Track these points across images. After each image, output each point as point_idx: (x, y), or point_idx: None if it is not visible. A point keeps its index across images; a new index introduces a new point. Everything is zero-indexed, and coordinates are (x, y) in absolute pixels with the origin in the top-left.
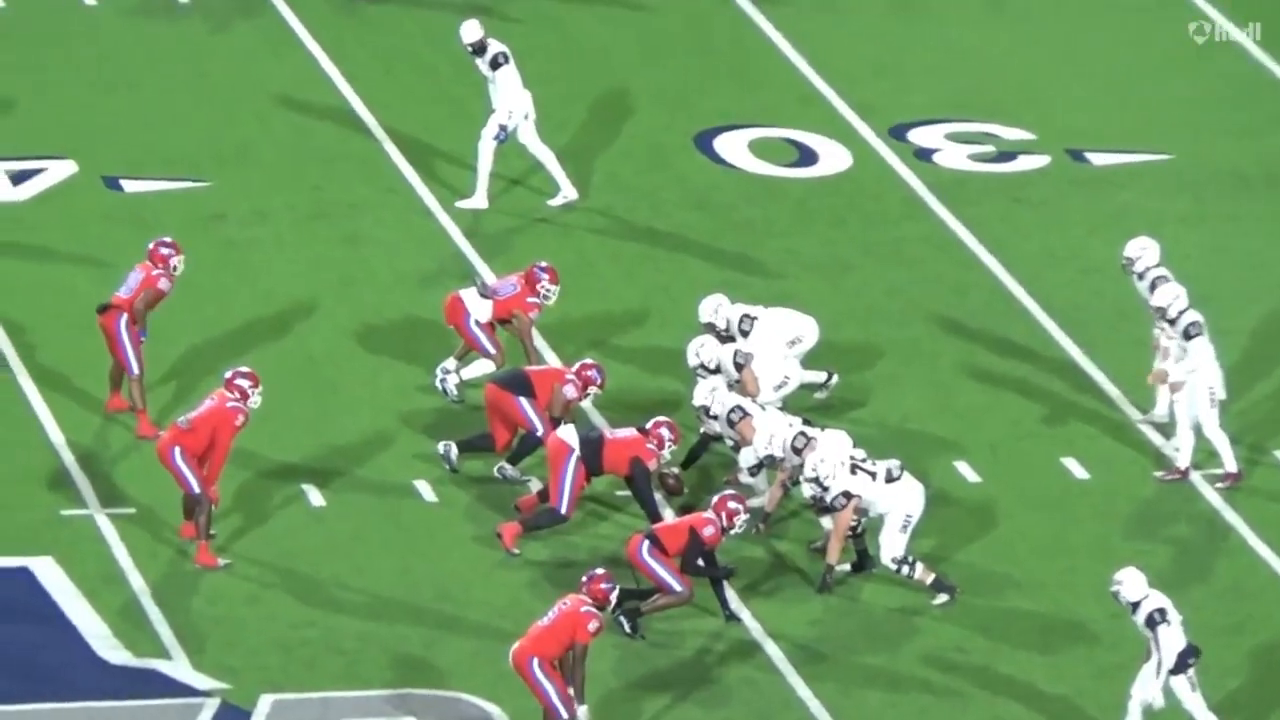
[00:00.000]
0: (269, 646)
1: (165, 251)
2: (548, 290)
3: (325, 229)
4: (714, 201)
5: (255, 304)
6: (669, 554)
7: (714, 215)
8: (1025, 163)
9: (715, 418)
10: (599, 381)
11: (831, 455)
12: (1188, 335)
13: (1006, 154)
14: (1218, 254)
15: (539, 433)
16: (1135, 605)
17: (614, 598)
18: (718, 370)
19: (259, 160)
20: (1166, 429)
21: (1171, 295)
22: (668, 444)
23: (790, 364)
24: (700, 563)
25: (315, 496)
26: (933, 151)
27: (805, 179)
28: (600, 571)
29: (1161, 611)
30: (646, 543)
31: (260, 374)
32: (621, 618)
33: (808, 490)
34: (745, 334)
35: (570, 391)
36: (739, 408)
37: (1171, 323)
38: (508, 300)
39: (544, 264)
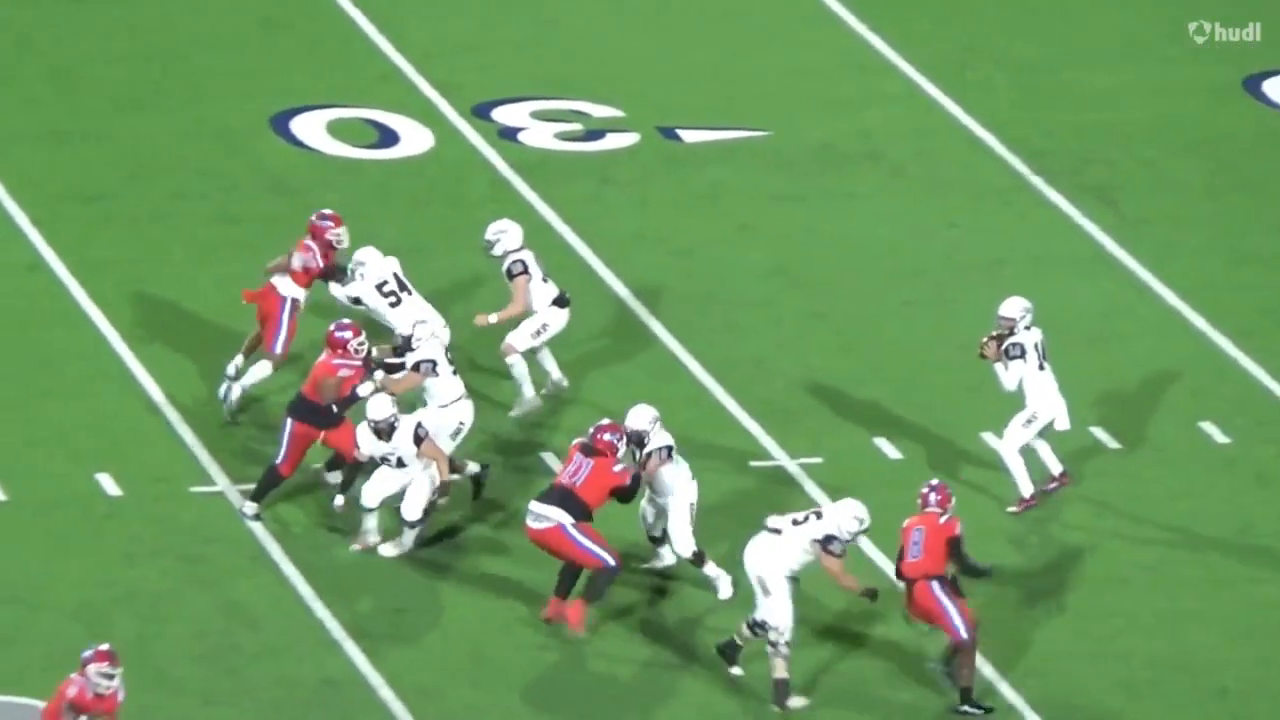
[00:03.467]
0: None
1: (323, 224)
2: (339, 236)
3: None
4: (291, 185)
5: None
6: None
7: (291, 200)
8: (614, 141)
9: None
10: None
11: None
12: (1008, 355)
13: (594, 132)
14: (813, 233)
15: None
16: None
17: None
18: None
19: None
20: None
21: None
22: (621, 448)
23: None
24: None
25: None
26: (518, 130)
27: (386, 160)
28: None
29: None
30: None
31: None
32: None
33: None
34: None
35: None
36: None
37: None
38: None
39: (326, 211)
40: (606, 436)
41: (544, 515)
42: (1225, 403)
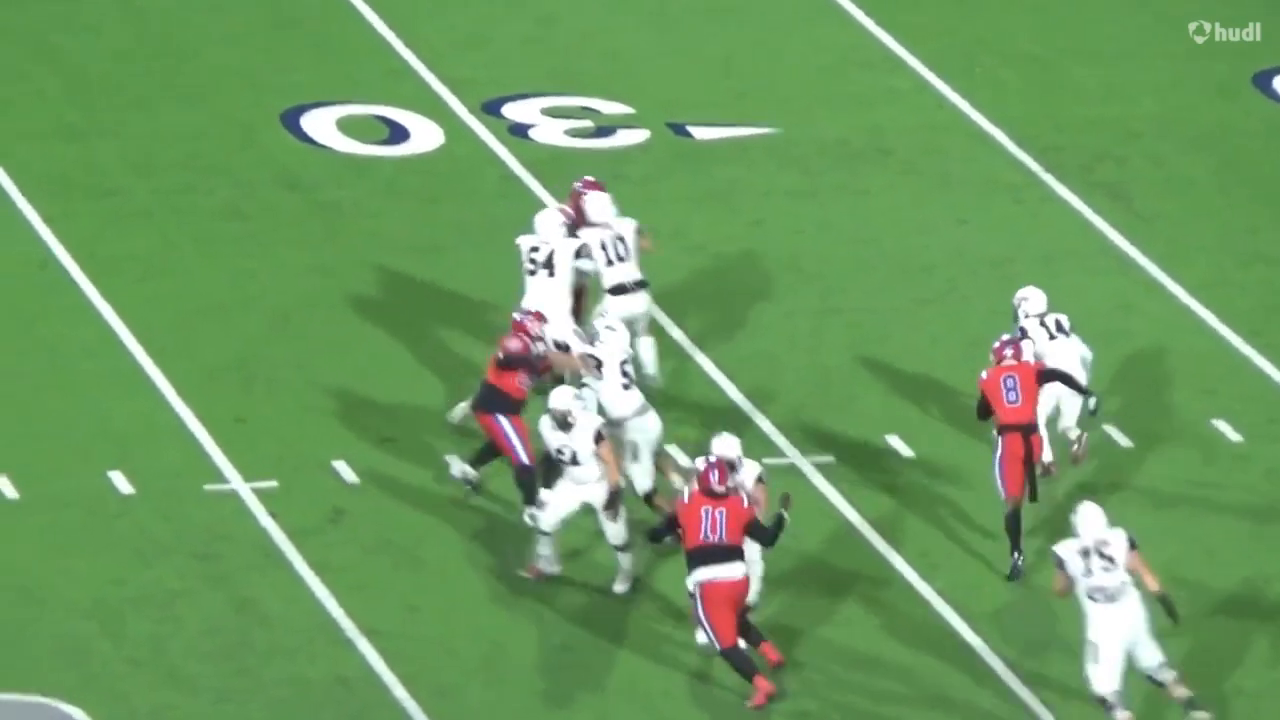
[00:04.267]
0: None
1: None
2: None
3: None
4: (302, 181)
5: None
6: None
7: (302, 195)
8: (625, 138)
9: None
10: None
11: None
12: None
13: (605, 129)
14: (828, 229)
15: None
16: None
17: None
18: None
19: None
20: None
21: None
22: (739, 486)
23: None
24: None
25: None
26: (528, 127)
27: (396, 157)
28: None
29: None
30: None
31: None
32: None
33: None
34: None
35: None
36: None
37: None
38: None
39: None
40: (722, 484)
41: (732, 571)
42: (1237, 401)
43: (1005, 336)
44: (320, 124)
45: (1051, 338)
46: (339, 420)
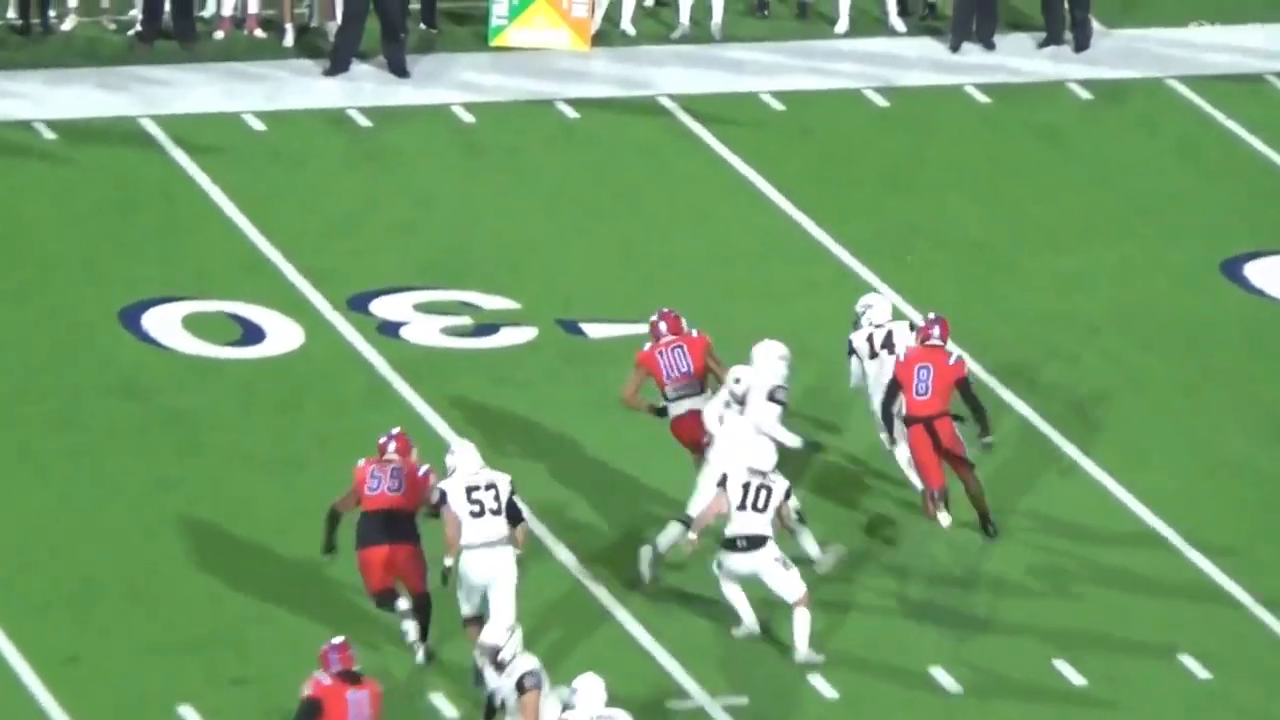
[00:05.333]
0: None
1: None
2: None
3: None
4: (142, 387)
5: None
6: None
7: (143, 403)
8: (508, 336)
9: None
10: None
11: None
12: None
13: (486, 327)
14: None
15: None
16: None
17: None
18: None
19: None
20: None
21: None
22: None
23: None
24: None
25: None
26: (399, 325)
27: (250, 359)
28: None
29: None
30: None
31: None
32: None
33: None
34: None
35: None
36: None
37: None
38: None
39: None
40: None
41: None
42: (1206, 631)
43: (932, 315)
44: (164, 322)
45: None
46: (186, 658)
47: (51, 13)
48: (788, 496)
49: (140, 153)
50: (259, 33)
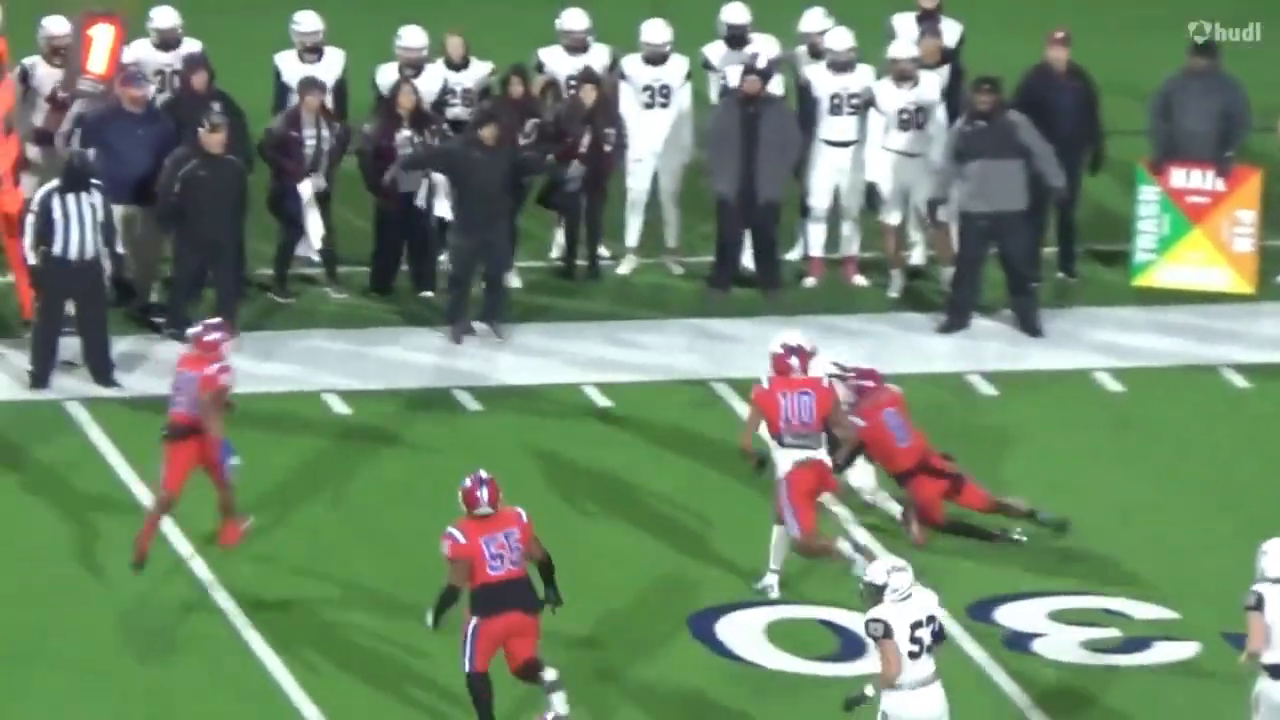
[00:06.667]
0: None
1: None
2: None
3: None
4: None
5: None
6: None
7: None
8: (1165, 652)
9: None
10: None
11: None
12: None
13: (1138, 640)
14: None
15: None
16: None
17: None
18: None
19: None
20: None
21: None
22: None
23: None
24: None
25: None
26: (1033, 637)
27: None
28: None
29: None
30: None
31: None
32: None
33: None
34: None
35: None
36: None
37: None
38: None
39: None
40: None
41: None
42: None
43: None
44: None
45: None
46: None
47: (604, 251)
48: None
49: None
50: (859, 279)
